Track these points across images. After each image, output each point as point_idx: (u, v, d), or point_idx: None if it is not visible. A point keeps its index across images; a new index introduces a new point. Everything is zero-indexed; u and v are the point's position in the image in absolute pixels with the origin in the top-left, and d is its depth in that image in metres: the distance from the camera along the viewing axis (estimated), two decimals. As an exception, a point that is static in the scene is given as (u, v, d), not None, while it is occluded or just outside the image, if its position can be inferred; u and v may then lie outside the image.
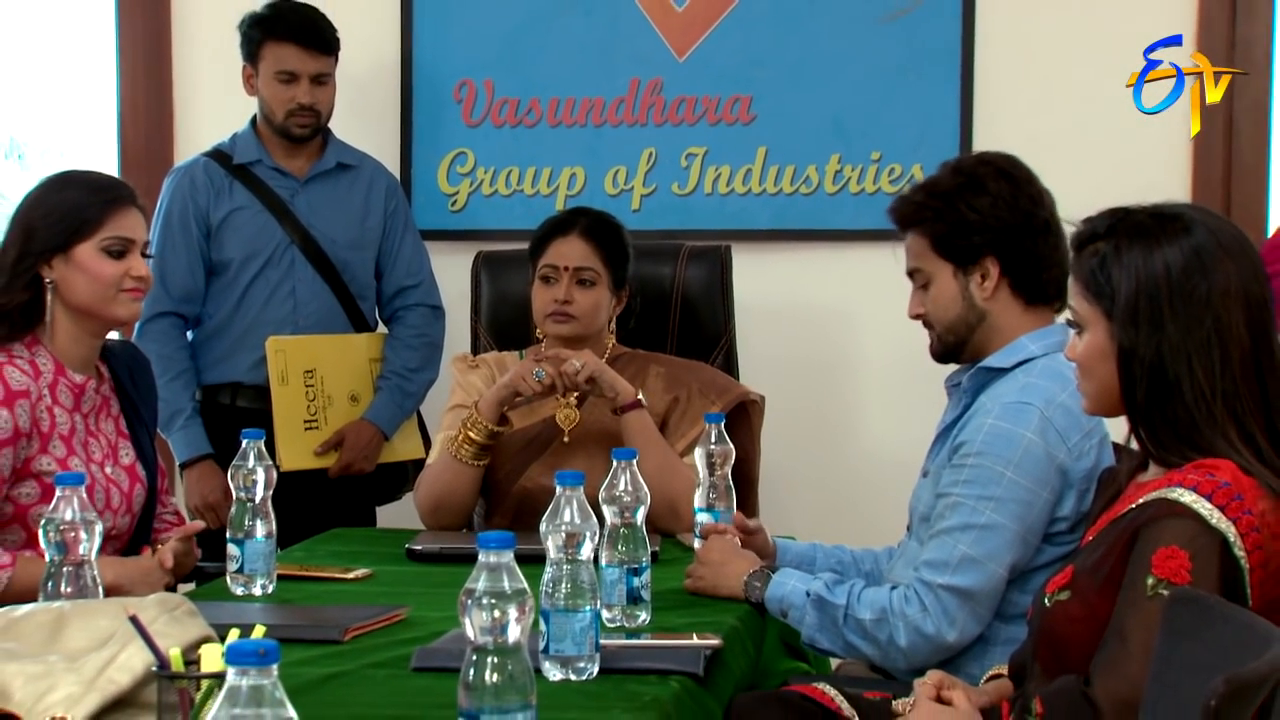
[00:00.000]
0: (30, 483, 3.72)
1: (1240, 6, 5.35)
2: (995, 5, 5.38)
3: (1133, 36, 5.27)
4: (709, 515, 3.90)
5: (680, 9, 5.48)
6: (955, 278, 3.66)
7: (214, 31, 5.53)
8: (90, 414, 3.87)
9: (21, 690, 2.50)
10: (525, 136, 5.56)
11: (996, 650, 3.50)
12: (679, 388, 4.52)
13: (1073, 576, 2.88)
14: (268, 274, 5.04)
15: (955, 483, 3.52)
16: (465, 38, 5.56)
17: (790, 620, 3.58)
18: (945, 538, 3.49)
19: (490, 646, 2.26)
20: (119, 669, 2.52)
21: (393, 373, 5.11)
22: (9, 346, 3.75)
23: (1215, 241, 2.88)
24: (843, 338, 5.46)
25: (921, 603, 3.45)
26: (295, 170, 5.11)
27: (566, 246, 4.48)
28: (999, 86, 5.40)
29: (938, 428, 3.82)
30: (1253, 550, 2.71)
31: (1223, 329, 2.83)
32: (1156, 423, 2.87)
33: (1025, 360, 3.60)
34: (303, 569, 3.88)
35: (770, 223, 5.45)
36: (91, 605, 2.86)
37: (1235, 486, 2.73)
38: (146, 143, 5.68)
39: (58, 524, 3.09)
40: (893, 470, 5.28)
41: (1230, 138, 5.36)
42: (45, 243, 3.77)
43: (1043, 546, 3.52)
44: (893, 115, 5.44)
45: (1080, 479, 3.51)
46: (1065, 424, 3.50)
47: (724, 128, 5.49)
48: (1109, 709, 2.68)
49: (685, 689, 2.92)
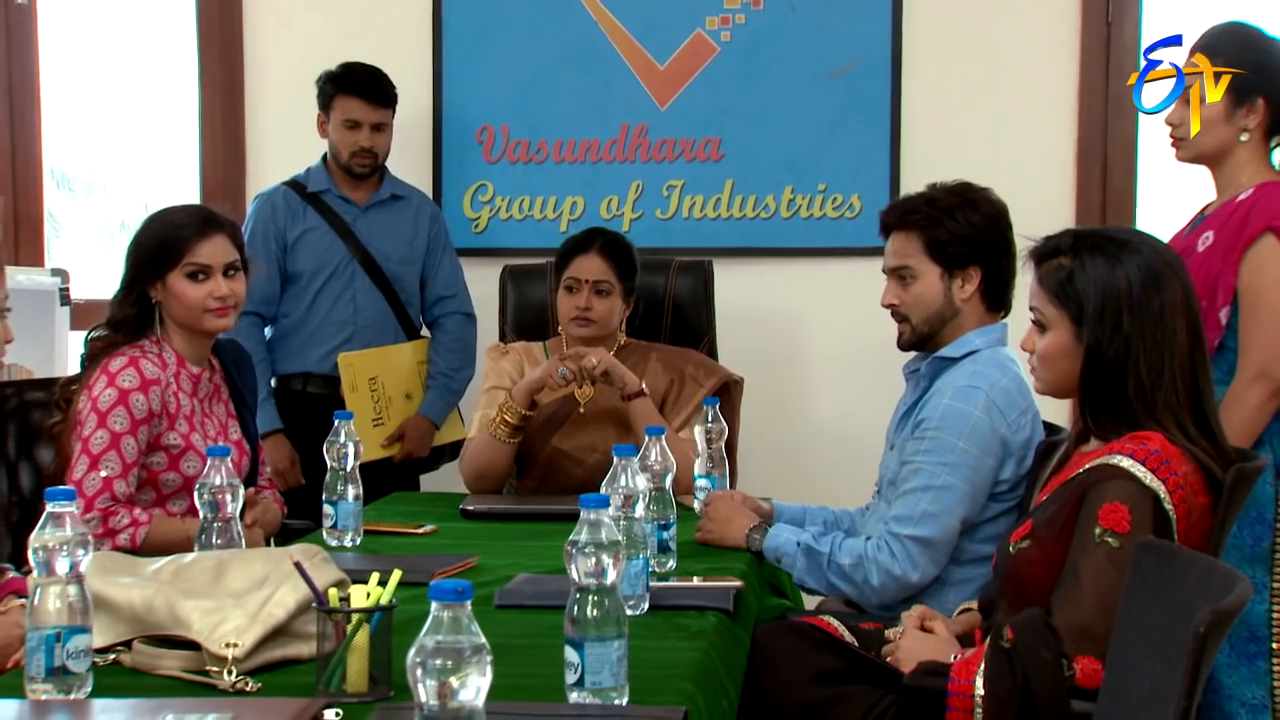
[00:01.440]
0: (160, 454, 3.75)
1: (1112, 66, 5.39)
2: (916, 67, 5.41)
3: (1023, 90, 5.39)
4: (707, 480, 3.94)
5: (662, 67, 5.49)
6: (941, 278, 3.67)
7: (279, 81, 5.57)
8: (205, 399, 3.90)
9: (199, 621, 2.52)
10: (535, 171, 5.55)
11: (950, 590, 3.56)
12: (674, 371, 4.55)
13: (1032, 529, 2.91)
14: (333, 284, 5.07)
15: (917, 452, 3.56)
16: (486, 91, 5.55)
17: (783, 565, 3.62)
18: (909, 497, 3.53)
19: (592, 587, 2.31)
20: (276, 605, 2.56)
21: (439, 373, 5.15)
22: (141, 344, 3.78)
23: (1163, 261, 2.92)
24: (796, 334, 5.46)
25: (891, 550, 3.50)
26: (357, 199, 5.13)
27: (587, 262, 4.49)
28: (919, 131, 5.42)
29: (899, 408, 3.84)
30: (1178, 505, 2.76)
31: (1169, 336, 2.86)
32: (1103, 407, 2.91)
33: (972, 352, 3.64)
34: (381, 525, 3.90)
35: (736, 242, 5.44)
36: (245, 553, 2.90)
37: (1164, 453, 2.78)
38: (223, 173, 5.65)
39: (210, 488, 3.13)
40: (838, 441, 5.37)
41: (1105, 170, 5.40)
42: (145, 271, 3.78)
43: (988, 504, 3.57)
44: (835, 154, 5.44)
45: (1018, 448, 3.56)
46: (1006, 403, 3.55)
47: (698, 164, 5.50)
48: (1067, 634, 2.72)
49: (720, 621, 2.96)
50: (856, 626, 3.27)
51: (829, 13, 5.45)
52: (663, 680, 2.50)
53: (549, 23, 5.54)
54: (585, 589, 2.33)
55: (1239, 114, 3.69)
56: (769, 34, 5.47)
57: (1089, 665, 2.72)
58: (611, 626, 2.33)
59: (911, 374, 3.82)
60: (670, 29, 5.51)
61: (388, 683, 2.42)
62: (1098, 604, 2.73)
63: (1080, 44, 5.41)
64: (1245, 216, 3.59)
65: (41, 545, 2.38)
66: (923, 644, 3.05)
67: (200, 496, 3.16)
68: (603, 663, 2.32)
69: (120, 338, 3.79)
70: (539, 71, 5.56)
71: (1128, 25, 5.42)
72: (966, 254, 3.67)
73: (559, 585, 3.05)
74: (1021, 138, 5.39)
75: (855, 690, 2.98)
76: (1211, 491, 2.85)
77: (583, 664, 2.32)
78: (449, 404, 5.20)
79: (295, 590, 2.61)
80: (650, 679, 2.44)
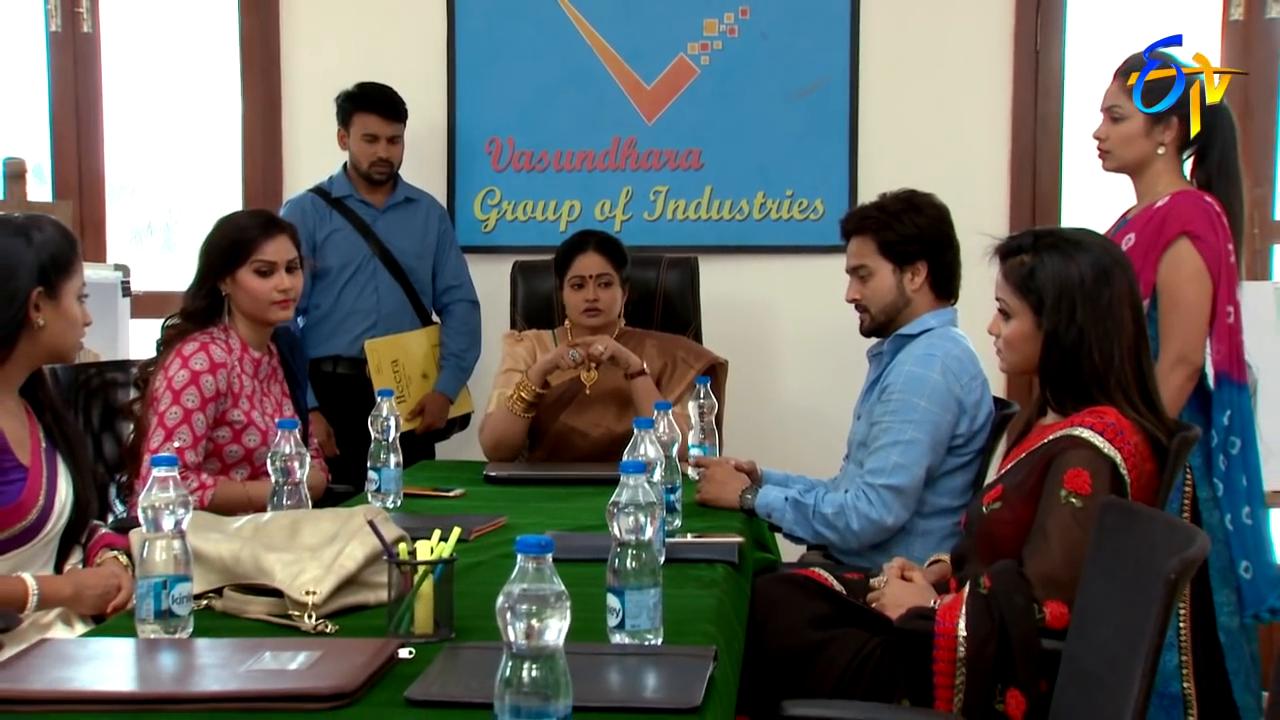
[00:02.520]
0: (224, 429, 3.78)
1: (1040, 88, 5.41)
2: (871, 88, 5.42)
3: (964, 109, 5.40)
4: (700, 450, 3.94)
5: (649, 87, 5.48)
6: (893, 274, 3.74)
7: (311, 98, 5.53)
8: (264, 380, 3.92)
9: (281, 572, 2.55)
10: (537, 178, 5.54)
11: (915, 540, 3.62)
12: (668, 355, 4.56)
13: (1002, 492, 2.96)
14: (357, 278, 5.05)
15: (885, 413, 3.62)
16: (493, 107, 5.53)
17: (774, 519, 3.65)
18: (880, 452, 3.59)
19: (631, 542, 2.32)
20: (347, 557, 2.58)
21: (451, 355, 5.14)
22: (210, 331, 3.81)
23: (1111, 258, 2.96)
24: (768, 322, 5.47)
25: (868, 498, 3.56)
26: (375, 202, 5.12)
27: (587, 259, 4.49)
28: (874, 144, 5.43)
29: (865, 385, 3.88)
30: (1131, 470, 2.81)
31: (1117, 324, 2.91)
32: (1061, 386, 2.96)
33: (926, 330, 3.71)
34: (415, 489, 3.89)
35: (714, 240, 5.44)
36: (315, 513, 2.91)
37: (1118, 426, 2.83)
38: (262, 179, 5.63)
39: (281, 456, 3.15)
40: (804, 414, 5.41)
41: (1035, 177, 5.42)
42: (216, 267, 3.82)
43: (946, 457, 3.63)
44: (801, 163, 5.45)
45: (970, 407, 3.64)
46: (959, 369, 3.63)
47: (681, 172, 5.50)
48: (1037, 582, 2.76)
49: (727, 572, 2.98)
50: (843, 576, 3.30)
51: (795, 40, 5.45)
52: (688, 624, 2.51)
53: (549, 46, 5.53)
54: (625, 544, 2.34)
55: (1156, 130, 3.72)
56: (743, 58, 5.47)
57: (1057, 609, 2.75)
58: (648, 577, 2.35)
59: (875, 356, 3.88)
60: (656, 53, 5.51)
61: (449, 625, 2.44)
62: (1064, 556, 2.77)
63: (1013, 69, 5.43)
64: (1163, 221, 3.62)
65: (150, 505, 2.40)
66: (905, 591, 3.09)
67: (272, 463, 3.18)
68: (641, 608, 2.34)
69: (192, 325, 3.81)
70: (540, 90, 5.55)
71: (1053, 53, 5.44)
72: (913, 251, 3.74)
73: (585, 541, 3.10)
74: (963, 149, 5.42)
75: (845, 633, 2.99)
76: (1157, 458, 2.89)
77: (624, 609, 2.33)
78: (460, 381, 5.19)
79: (363, 545, 2.63)
80: (676, 623, 2.45)
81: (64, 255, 2.99)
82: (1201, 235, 3.58)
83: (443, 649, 2.29)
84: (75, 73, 5.73)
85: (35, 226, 2.98)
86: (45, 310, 2.95)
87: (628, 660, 2.26)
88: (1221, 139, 3.73)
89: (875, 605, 3.10)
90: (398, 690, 2.09)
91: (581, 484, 4.00)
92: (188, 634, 2.41)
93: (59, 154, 5.75)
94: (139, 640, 2.38)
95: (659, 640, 2.36)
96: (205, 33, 5.82)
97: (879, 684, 2.90)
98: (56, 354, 3.06)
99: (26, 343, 2.96)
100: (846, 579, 3.27)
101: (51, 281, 2.96)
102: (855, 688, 2.91)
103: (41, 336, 2.96)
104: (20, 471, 2.93)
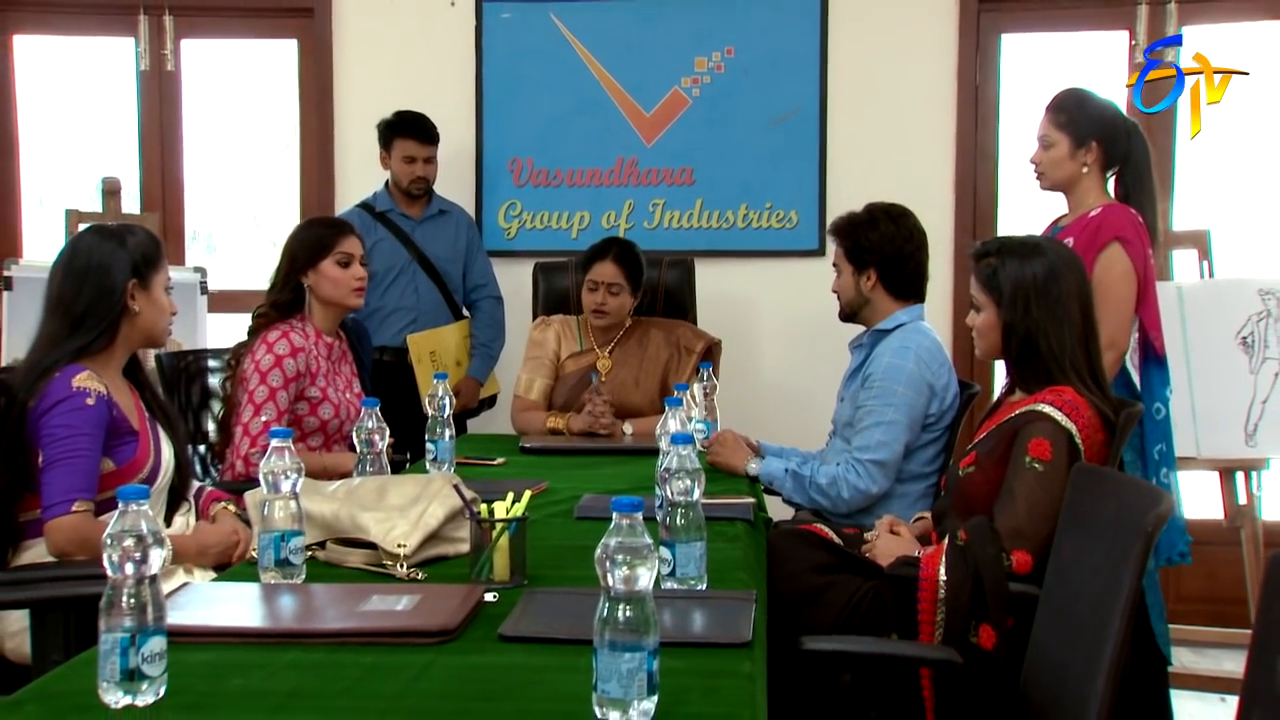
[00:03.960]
0: (303, 403, 3.78)
1: (979, 117, 5.43)
2: (837, 117, 5.41)
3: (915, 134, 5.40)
4: (703, 424, 3.91)
5: (648, 114, 5.47)
6: (853, 275, 3.75)
7: (359, 126, 5.46)
8: (335, 361, 3.90)
9: (375, 528, 2.56)
10: (552, 193, 5.53)
11: (894, 502, 3.61)
12: (672, 344, 4.54)
13: (976, 459, 2.97)
14: (399, 280, 5.01)
15: (869, 398, 3.61)
16: (515, 132, 5.52)
17: (775, 486, 3.65)
18: (866, 431, 3.58)
19: (682, 502, 2.33)
20: (430, 515, 2.60)
21: (480, 345, 5.10)
22: (290, 322, 3.81)
23: (1061, 259, 2.97)
24: (750, 314, 5.46)
25: (857, 471, 3.56)
26: (413, 215, 5.08)
27: (603, 268, 4.46)
28: (841, 164, 5.42)
29: (847, 372, 3.87)
30: (1085, 440, 2.83)
31: (1066, 316, 2.93)
32: (1023, 368, 2.98)
33: (900, 325, 3.70)
34: (464, 458, 3.84)
35: (705, 246, 5.41)
36: (397, 478, 2.92)
37: (1075, 403, 2.85)
38: (317, 195, 5.61)
39: (365, 430, 3.14)
40: (779, 390, 5.40)
41: (975, 194, 5.43)
42: (303, 260, 3.82)
43: (920, 433, 3.63)
44: (778, 180, 5.44)
45: (940, 390, 3.64)
46: (929, 359, 3.63)
47: (675, 188, 5.49)
48: (1005, 534, 2.78)
49: (745, 528, 2.99)
50: (841, 531, 3.31)
51: (773, 76, 5.44)
52: (724, 572, 2.51)
53: (562, 80, 5.51)
54: (676, 504, 2.35)
55: (1080, 153, 3.74)
56: (729, 90, 5.47)
57: (1022, 557, 2.78)
58: (695, 532, 2.36)
59: (857, 347, 3.87)
60: (654, 85, 5.50)
61: (523, 573, 2.44)
62: (1028, 512, 2.80)
63: (956, 102, 5.44)
64: (1097, 228, 3.64)
65: (270, 470, 2.40)
66: (894, 543, 3.10)
67: (358, 436, 3.17)
68: (689, 558, 2.35)
69: (277, 316, 3.79)
70: (555, 117, 5.53)
71: (989, 88, 5.47)
72: (866, 259, 3.74)
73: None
74: (914, 169, 5.42)
75: (843, 578, 3.00)
76: (1106, 429, 2.90)
77: (675, 559, 2.34)
78: (489, 367, 5.16)
79: (443, 504, 2.64)
80: (714, 571, 2.45)
81: (152, 253, 3.06)
82: (1130, 240, 3.61)
83: (521, 593, 2.30)
84: (160, 105, 5.73)
85: (129, 231, 3.07)
86: (139, 299, 3.01)
87: (679, 603, 2.26)
88: (1136, 160, 3.76)
89: (869, 555, 3.11)
90: (489, 628, 2.10)
91: (603, 454, 4.01)
92: (301, 579, 2.41)
93: (147, 173, 5.73)
94: (262, 584, 2.38)
95: (704, 585, 2.36)
96: (270, 72, 5.80)
97: (871, 621, 2.91)
98: (150, 337, 3.10)
99: (126, 327, 3.02)
100: (844, 533, 3.28)
101: (143, 274, 3.02)
102: (852, 624, 2.92)
103: (138, 322, 3.02)
104: (133, 435, 2.99)
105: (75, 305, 2.95)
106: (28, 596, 2.63)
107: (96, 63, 5.78)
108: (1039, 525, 2.77)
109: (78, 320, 2.95)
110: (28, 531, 2.89)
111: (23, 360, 3.01)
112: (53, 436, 2.82)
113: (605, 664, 1.70)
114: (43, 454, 2.83)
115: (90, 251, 2.98)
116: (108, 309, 2.97)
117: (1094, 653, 2.10)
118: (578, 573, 2.48)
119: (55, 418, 2.83)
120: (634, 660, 1.69)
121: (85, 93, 5.81)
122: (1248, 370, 4.73)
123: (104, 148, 5.81)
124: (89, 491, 2.83)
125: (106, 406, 2.90)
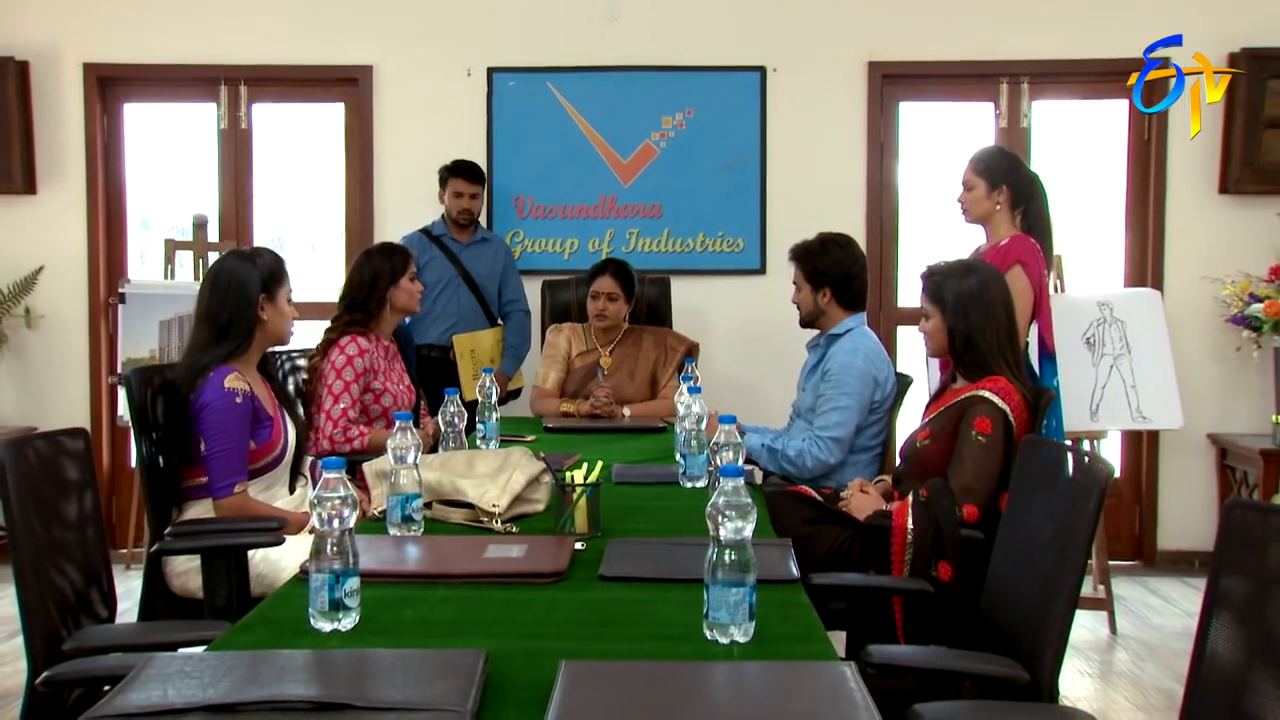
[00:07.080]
0: (369, 394, 3.73)
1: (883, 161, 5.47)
2: (775, 163, 5.42)
3: (834, 175, 5.40)
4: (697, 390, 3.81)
5: (625, 161, 5.45)
6: (812, 293, 3.72)
7: (394, 169, 5.44)
8: (390, 360, 3.86)
9: (471, 491, 2.54)
10: (549, 224, 5.49)
11: (848, 469, 3.60)
12: (660, 346, 4.51)
13: (931, 434, 2.98)
14: (446, 291, 4.95)
15: (828, 388, 3.60)
16: (518, 175, 5.47)
17: (753, 457, 3.60)
18: (826, 414, 3.56)
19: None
20: (514, 481, 2.59)
21: (511, 347, 5.04)
22: (358, 330, 3.76)
23: (989, 275, 3.01)
24: (707, 322, 5.43)
25: (819, 446, 3.53)
26: (462, 240, 5.03)
27: (604, 280, 4.46)
28: (778, 200, 5.43)
29: (806, 367, 3.84)
30: (1016, 418, 2.87)
31: (995, 319, 2.96)
32: (966, 361, 2.99)
33: (849, 330, 3.69)
34: (505, 436, 3.76)
35: (671, 266, 5.39)
36: (481, 452, 2.87)
37: (1007, 389, 2.88)
38: (360, 229, 5.52)
39: (449, 414, 3.13)
40: (731, 384, 5.36)
41: (881, 224, 5.47)
42: (386, 280, 3.78)
43: (868, 415, 3.62)
44: (728, 215, 5.44)
45: (882, 381, 3.63)
46: (874, 357, 3.62)
47: (647, 219, 5.46)
48: (957, 491, 2.81)
49: (751, 489, 2.94)
50: (821, 490, 3.31)
51: (724, 130, 5.45)
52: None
53: (556, 133, 5.47)
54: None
55: (994, 194, 3.80)
56: (690, 142, 5.46)
57: (971, 509, 2.81)
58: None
59: (814, 347, 3.85)
60: (630, 139, 5.48)
61: (598, 525, 2.43)
62: (975, 474, 2.83)
63: (865, 152, 5.47)
64: (1005, 254, 3.68)
65: (397, 446, 2.37)
66: (866, 500, 3.11)
67: (442, 418, 3.13)
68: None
69: (353, 326, 3.75)
70: (550, 163, 5.49)
71: (891, 142, 5.51)
72: (822, 280, 3.72)
73: (647, 471, 3.08)
74: (834, 205, 5.44)
75: (826, 528, 3.03)
76: (1029, 410, 2.93)
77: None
78: (516, 366, 5.09)
79: (523, 471, 2.63)
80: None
81: (277, 270, 3.02)
82: (1029, 264, 3.66)
83: (607, 542, 2.29)
84: (235, 156, 5.65)
85: (257, 254, 3.03)
86: (267, 309, 2.97)
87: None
88: (1036, 200, 3.82)
89: (845, 509, 3.13)
90: (589, 571, 2.09)
91: (609, 432, 4.00)
92: (420, 532, 2.39)
93: (225, 210, 5.65)
94: (392, 537, 2.35)
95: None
96: (322, 129, 5.71)
97: (851, 562, 2.95)
98: (277, 338, 3.05)
99: (259, 333, 2.97)
100: (824, 493, 3.29)
101: (270, 289, 2.98)
102: (835, 564, 2.95)
103: (268, 327, 2.98)
104: (269, 420, 2.95)
105: (220, 316, 2.91)
106: (200, 545, 2.60)
107: (187, 123, 5.73)
108: (984, 485, 2.81)
109: (223, 329, 2.91)
110: (189, 494, 2.86)
111: (180, 361, 2.98)
112: (212, 430, 2.79)
113: (716, 596, 1.69)
114: (205, 444, 2.80)
115: (230, 271, 2.94)
116: (244, 319, 2.93)
117: (1054, 581, 2.09)
118: (635, 526, 2.48)
119: (213, 414, 2.80)
120: (739, 594, 1.69)
121: (178, 147, 5.77)
122: (1091, 364, 4.83)
123: (193, 190, 5.75)
124: (243, 475, 2.83)
125: (250, 401, 2.87)
